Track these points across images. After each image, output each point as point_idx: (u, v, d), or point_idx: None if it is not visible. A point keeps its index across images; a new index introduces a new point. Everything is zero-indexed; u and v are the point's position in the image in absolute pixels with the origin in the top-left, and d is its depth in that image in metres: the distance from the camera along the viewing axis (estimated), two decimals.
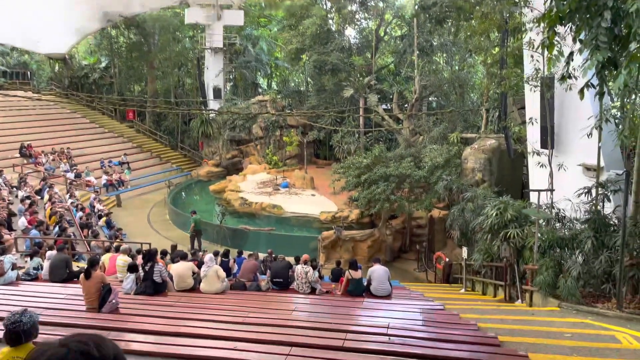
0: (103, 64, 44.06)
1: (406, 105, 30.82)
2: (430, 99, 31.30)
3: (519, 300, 11.19)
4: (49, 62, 44.46)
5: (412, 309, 9.31)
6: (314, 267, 12.18)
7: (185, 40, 43.04)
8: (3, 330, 3.44)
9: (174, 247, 17.81)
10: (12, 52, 45.80)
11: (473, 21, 21.58)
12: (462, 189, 17.14)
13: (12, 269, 9.67)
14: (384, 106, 31.69)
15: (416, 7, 26.24)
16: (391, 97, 31.45)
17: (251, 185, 27.92)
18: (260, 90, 44.98)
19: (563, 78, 6.37)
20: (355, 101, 30.71)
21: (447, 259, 16.90)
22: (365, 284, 11.20)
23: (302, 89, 42.21)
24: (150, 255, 9.27)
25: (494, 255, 12.58)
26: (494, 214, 12.03)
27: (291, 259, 13.03)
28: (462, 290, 14.31)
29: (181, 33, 42.57)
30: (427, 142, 22.86)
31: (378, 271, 11.06)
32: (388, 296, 10.90)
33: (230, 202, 25.38)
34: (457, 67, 29.25)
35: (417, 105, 27.28)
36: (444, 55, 31.61)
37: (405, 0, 35.65)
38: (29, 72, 45.15)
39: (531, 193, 13.19)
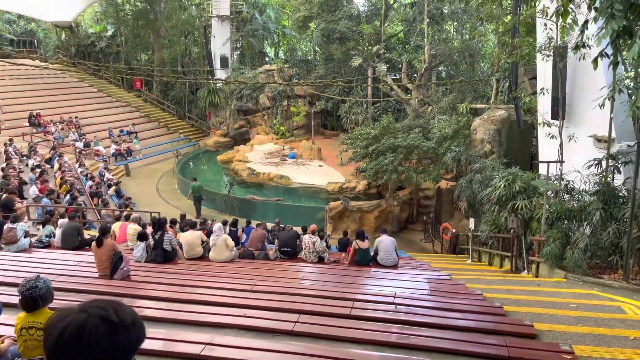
0: (109, 32, 43.68)
1: (415, 75, 30.39)
2: (439, 68, 30.82)
3: (525, 271, 11.25)
4: (55, 30, 44.10)
5: (419, 278, 9.40)
6: (321, 237, 12.27)
7: (192, 8, 42.39)
8: (19, 296, 3.51)
9: (182, 216, 18.00)
10: (18, 19, 45.47)
11: None
12: (471, 160, 17.04)
13: (25, 237, 9.82)
14: (392, 76, 31.28)
15: None
16: (400, 66, 30.98)
17: (258, 156, 27.94)
18: (267, 59, 44.50)
19: (577, 47, 6.21)
20: (363, 71, 30.31)
21: (453, 230, 16.95)
22: (372, 254, 11.29)
23: (309, 58, 41.67)
24: (160, 224, 9.37)
25: (501, 227, 12.58)
26: (502, 186, 11.98)
27: (299, 229, 13.12)
28: (469, 261, 14.40)
29: (187, 0, 41.95)
30: (436, 113, 22.62)
31: (385, 241, 11.13)
32: (395, 266, 10.99)
33: (238, 173, 25.47)
34: (467, 36, 28.64)
35: (426, 75, 26.89)
36: (455, 23, 30.95)
37: None
38: (35, 40, 44.89)
39: (540, 164, 13.10)
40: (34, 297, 3.33)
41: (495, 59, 22.92)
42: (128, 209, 16.98)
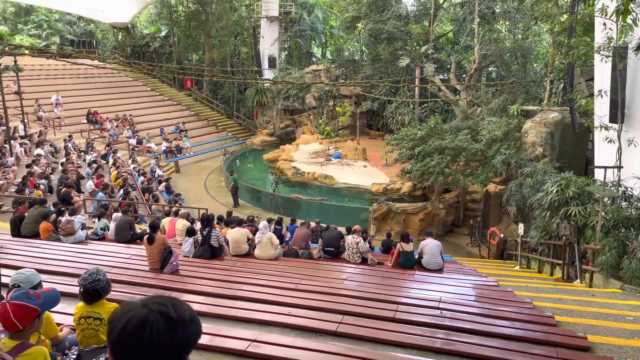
0: (163, 33, 45.07)
1: (464, 76, 29.76)
2: (490, 69, 30.08)
3: (578, 280, 10.81)
4: (112, 31, 45.94)
5: (465, 283, 9.20)
6: (365, 238, 12.23)
7: (242, 9, 43.16)
8: (80, 288, 3.67)
9: (229, 213, 18.33)
10: (78, 21, 47.65)
11: None
12: (521, 163, 16.52)
13: (82, 229, 10.28)
14: (440, 76, 30.76)
15: None
16: (449, 66, 30.42)
17: (303, 155, 28.11)
18: (314, 59, 44.72)
19: (638, 48, 5.91)
20: (411, 71, 29.96)
21: (501, 235, 16.50)
22: (416, 256, 11.14)
23: (356, 58, 41.55)
24: (208, 221, 9.59)
25: (552, 233, 12.14)
26: (554, 191, 11.55)
27: (342, 229, 13.13)
28: (517, 268, 13.97)
29: (238, 2, 42.73)
30: (485, 114, 22.08)
31: (430, 244, 10.96)
32: (439, 270, 10.81)
33: (283, 172, 25.72)
34: (520, 36, 27.79)
35: (475, 76, 26.27)
36: (507, 23, 30.08)
37: None
38: (94, 41, 46.91)
39: (596, 170, 12.55)
40: (96, 289, 3.48)
41: (550, 59, 22.13)
42: (177, 205, 17.47)
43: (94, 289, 3.51)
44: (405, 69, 29.55)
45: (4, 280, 4.92)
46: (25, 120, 23.68)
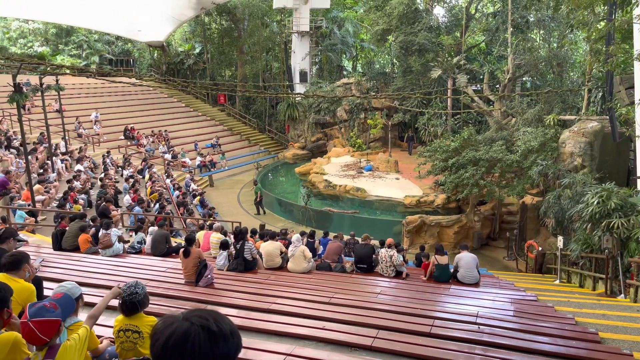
0: (197, 50, 46.18)
1: (497, 86, 29.35)
2: (524, 78, 29.54)
3: (622, 295, 10.38)
4: (149, 49, 47.38)
5: (502, 298, 8.96)
6: (399, 250, 12.10)
7: (273, 24, 43.88)
8: (119, 300, 3.76)
9: (262, 226, 18.50)
10: (117, 40, 49.33)
11: None
12: (559, 174, 16.08)
13: (119, 242, 10.53)
14: (473, 87, 30.41)
15: None
16: (481, 77, 30.07)
17: (335, 168, 28.12)
18: (345, 72, 44.91)
19: None
20: (443, 82, 29.73)
21: (539, 248, 16.04)
22: (451, 270, 10.95)
23: (387, 70, 41.58)
24: (241, 234, 9.68)
25: (593, 246, 11.74)
26: (595, 202, 11.19)
27: (376, 242, 13.03)
28: (557, 282, 13.54)
29: (269, 18, 43.45)
30: (520, 125, 21.65)
31: (466, 258, 10.76)
32: (476, 284, 10.58)
33: (315, 184, 25.76)
34: (555, 44, 27.24)
35: (509, 86, 25.85)
36: (541, 31, 29.57)
37: None
38: (131, 60, 48.42)
39: (639, 180, 12.11)
40: (133, 302, 3.56)
41: (587, 67, 21.58)
42: (211, 219, 17.72)
43: (131, 302, 3.58)
44: (437, 81, 29.34)
45: (47, 293, 5.09)
46: (66, 137, 24.55)
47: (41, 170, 18.46)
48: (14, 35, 43.68)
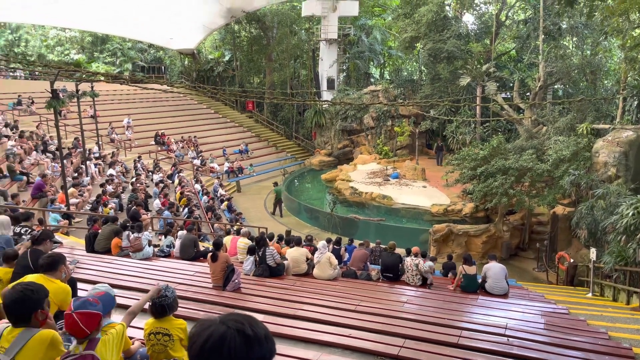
0: (226, 58, 46.90)
1: (528, 94, 28.87)
2: (556, 86, 28.98)
3: None
4: (179, 57, 48.33)
5: (532, 310, 8.77)
6: (424, 255, 12.00)
7: (301, 32, 44.24)
8: (149, 303, 3.84)
9: (288, 232, 18.60)
10: (149, 48, 50.52)
11: (610, 0, 19.53)
12: (592, 184, 15.67)
13: (149, 246, 10.73)
14: (503, 95, 29.97)
15: None
16: (511, 85, 29.61)
17: (361, 175, 28.06)
18: (372, 80, 44.91)
19: None
20: (472, 90, 29.40)
21: (571, 260, 15.63)
22: (479, 280, 10.78)
23: (415, 78, 41.37)
24: (262, 241, 9.74)
25: (628, 259, 11.38)
26: (630, 214, 10.88)
27: (402, 251, 12.94)
28: (589, 295, 13.16)
29: (297, 26, 43.84)
30: (551, 133, 21.21)
31: (494, 268, 10.58)
32: (504, 295, 10.38)
33: (341, 191, 25.74)
34: (588, 52, 26.65)
35: (540, 94, 25.38)
36: (574, 38, 28.98)
37: None
38: (163, 67, 49.50)
39: None
40: (163, 305, 3.63)
41: (622, 75, 21.03)
42: (238, 224, 17.90)
43: (161, 305, 3.66)
44: (466, 88, 29.03)
45: (80, 294, 5.22)
46: (100, 142, 25.21)
47: (75, 174, 18.97)
48: (52, 43, 45.22)
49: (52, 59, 43.02)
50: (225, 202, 21.54)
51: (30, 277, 4.09)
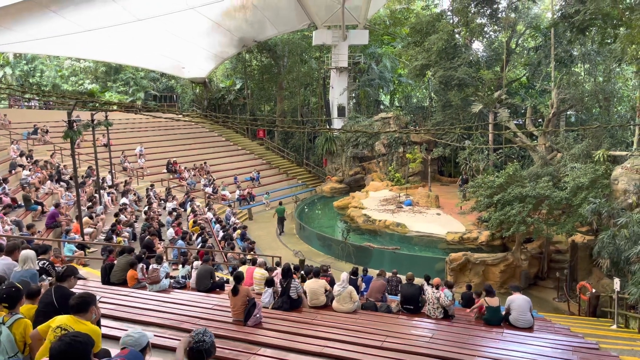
0: (237, 86, 47.45)
1: (540, 120, 28.80)
2: (568, 112, 28.90)
3: None
4: (191, 85, 49.00)
5: (562, 345, 8.47)
6: (450, 287, 11.74)
7: (312, 61, 44.80)
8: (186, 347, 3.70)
9: (302, 262, 18.41)
10: (161, 77, 51.30)
11: (622, 29, 19.57)
12: (613, 213, 15.38)
13: (166, 277, 10.60)
14: (515, 121, 29.93)
15: (555, 16, 24.47)
16: (523, 111, 29.62)
17: (374, 203, 27.91)
18: (382, 107, 45.16)
19: None
20: (483, 116, 29.41)
21: (593, 290, 15.24)
22: (502, 312, 10.49)
23: (425, 104, 41.56)
24: (289, 272, 9.58)
25: None
26: None
27: (420, 279, 12.71)
28: (614, 327, 12.77)
29: (308, 54, 44.43)
30: (567, 160, 21.02)
31: (518, 300, 10.29)
32: (529, 328, 10.08)
33: (354, 219, 25.57)
34: (601, 78, 26.62)
35: (554, 120, 25.29)
36: (586, 65, 29.02)
37: (540, 9, 33.51)
38: (174, 96, 50.16)
39: None
40: (200, 350, 3.50)
41: (638, 102, 20.92)
42: (251, 253, 17.73)
43: (198, 350, 3.52)
44: (478, 115, 29.04)
45: (104, 330, 5.09)
46: (112, 171, 25.33)
47: (90, 203, 18.99)
48: (66, 73, 46.02)
49: (67, 89, 43.72)
50: (239, 231, 21.41)
51: (60, 319, 3.98)
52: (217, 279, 11.80)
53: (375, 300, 11.46)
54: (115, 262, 10.90)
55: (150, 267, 10.34)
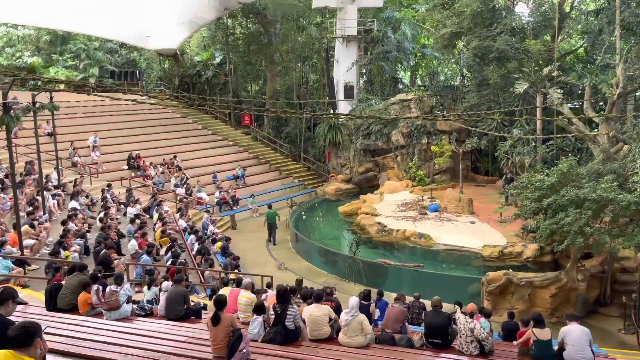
0: (217, 60, 47.54)
1: (601, 104, 28.80)
2: (638, 93, 28.88)
3: None
4: (159, 59, 49.05)
5: None
6: (487, 315, 11.74)
7: (311, 28, 44.80)
8: None
9: (299, 282, 18.47)
10: (120, 49, 51.35)
11: None
12: None
13: (127, 302, 10.59)
14: (570, 105, 29.90)
15: None
16: (580, 92, 29.60)
17: (390, 208, 27.96)
18: (401, 86, 45.18)
19: None
20: (529, 98, 29.40)
21: None
22: (555, 347, 10.51)
23: (455, 83, 41.54)
24: (286, 295, 9.56)
25: None
26: None
27: (449, 306, 12.68)
28: None
29: (306, 20, 44.42)
30: (636, 154, 20.99)
31: (575, 332, 10.27)
32: None
33: (365, 228, 25.63)
34: None
35: (619, 104, 25.28)
36: None
37: None
38: (137, 72, 50.22)
39: None
40: None
41: None
42: (236, 271, 17.77)
43: None
44: (523, 97, 29.02)
45: None
46: (59, 167, 25.33)
47: (30, 208, 19.00)
48: (0, 44, 46.05)
49: (0, 63, 43.79)
50: (219, 243, 21.44)
51: None
52: (192, 304, 11.82)
53: (392, 332, 11.47)
54: (64, 282, 10.90)
55: (108, 289, 10.33)
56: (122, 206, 24.13)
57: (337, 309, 11.18)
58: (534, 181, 19.18)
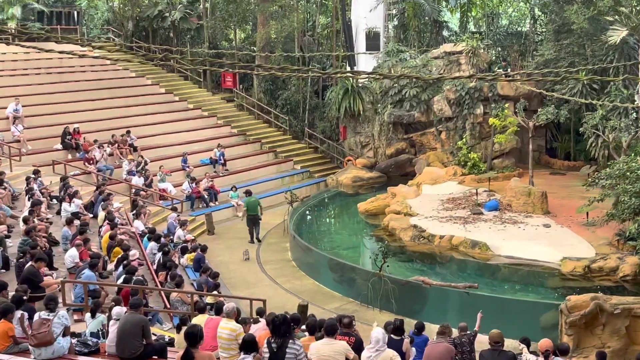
0: None
1: None
2: None
3: None
4: None
5: None
6: (565, 352, 11.75)
7: None
8: None
9: (303, 308, 18.45)
10: None
11: None
12: None
13: (64, 335, 10.62)
14: None
15: None
16: None
17: (431, 205, 27.95)
18: (447, 34, 44.99)
19: None
20: (629, 50, 29.27)
21: None
22: None
23: (523, 29, 41.34)
24: (284, 327, 9.57)
25: None
26: None
27: (514, 343, 12.71)
28: None
29: None
30: None
31: None
32: None
33: (395, 233, 25.62)
34: None
35: None
36: None
37: None
38: (75, 12, 50.15)
39: None
40: None
41: None
42: (215, 293, 17.79)
43: None
44: (619, 49, 28.90)
45: None
46: None
47: None
48: None
49: None
50: (191, 254, 21.47)
51: None
52: (153, 338, 11.87)
53: None
54: None
55: (36, 316, 10.37)
56: (54, 201, 24.13)
57: (357, 346, 11.20)
58: (635, 168, 19.16)
